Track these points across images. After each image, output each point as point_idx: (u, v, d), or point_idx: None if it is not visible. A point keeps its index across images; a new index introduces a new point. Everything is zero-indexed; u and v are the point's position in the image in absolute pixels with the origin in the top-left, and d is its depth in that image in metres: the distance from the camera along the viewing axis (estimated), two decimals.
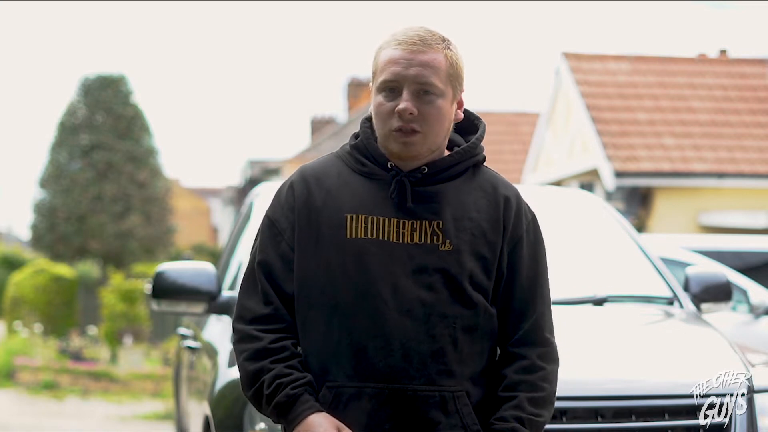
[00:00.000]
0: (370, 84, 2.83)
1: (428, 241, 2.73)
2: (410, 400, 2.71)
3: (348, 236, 2.75)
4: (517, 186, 2.97)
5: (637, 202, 18.78)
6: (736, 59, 21.44)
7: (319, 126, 41.68)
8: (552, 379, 2.81)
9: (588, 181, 20.19)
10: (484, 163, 2.90)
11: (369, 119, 2.86)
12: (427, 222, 2.74)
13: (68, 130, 24.80)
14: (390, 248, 2.73)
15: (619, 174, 18.33)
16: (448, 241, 2.73)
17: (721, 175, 18.62)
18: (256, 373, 2.77)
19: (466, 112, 2.89)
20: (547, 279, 2.87)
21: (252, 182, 35.75)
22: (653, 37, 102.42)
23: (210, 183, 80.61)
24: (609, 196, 18.39)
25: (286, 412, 2.72)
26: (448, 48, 2.77)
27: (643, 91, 20.18)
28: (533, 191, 6.41)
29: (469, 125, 2.90)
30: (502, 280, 2.79)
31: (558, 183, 20.61)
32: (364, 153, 2.82)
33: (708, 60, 21.49)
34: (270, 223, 2.84)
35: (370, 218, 2.75)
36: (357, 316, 2.73)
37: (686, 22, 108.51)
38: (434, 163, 2.78)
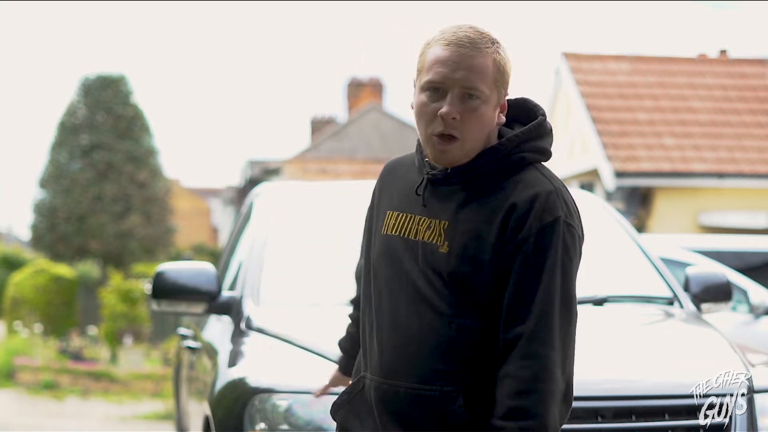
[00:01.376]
0: (414, 79, 2.80)
1: (434, 241, 2.73)
2: (402, 397, 2.73)
3: (383, 232, 2.83)
4: None
5: (637, 202, 18.78)
6: (736, 59, 21.45)
7: (319, 126, 41.67)
8: (546, 402, 2.60)
9: (588, 181, 20.19)
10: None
11: None
12: (437, 221, 2.74)
13: (68, 130, 24.83)
14: (408, 245, 2.77)
15: (619, 174, 18.33)
16: (446, 243, 2.71)
17: (721, 175, 18.62)
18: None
19: (528, 102, 2.85)
20: (552, 292, 2.64)
21: (252, 182, 35.73)
22: (653, 37, 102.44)
23: (210, 183, 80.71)
24: (609, 196, 18.39)
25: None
26: (497, 51, 2.71)
27: (643, 91, 20.18)
28: None
29: (531, 115, 2.84)
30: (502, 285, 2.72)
31: None
32: (419, 148, 2.87)
33: (708, 60, 21.50)
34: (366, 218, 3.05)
35: (400, 215, 2.80)
36: (379, 311, 2.80)
37: (686, 22, 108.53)
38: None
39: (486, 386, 2.72)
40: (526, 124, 2.82)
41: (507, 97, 2.80)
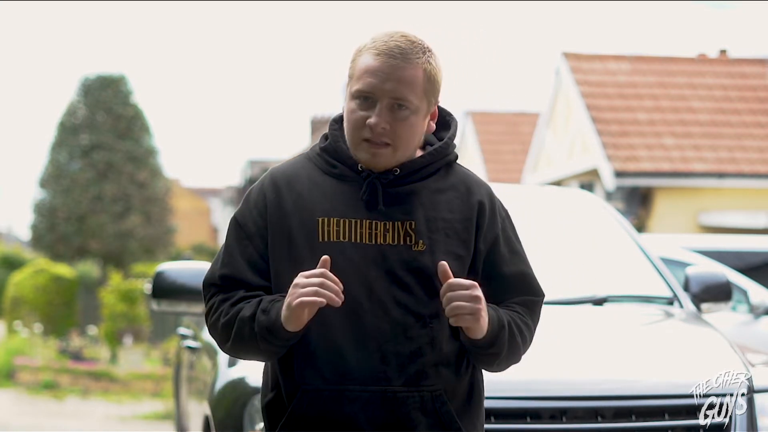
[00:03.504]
0: (346, 84, 2.81)
1: (401, 242, 2.73)
2: (390, 401, 2.70)
3: (320, 240, 2.73)
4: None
5: (637, 202, 18.78)
6: (736, 59, 21.44)
7: (319, 126, 41.66)
8: (528, 336, 2.84)
9: (588, 181, 20.18)
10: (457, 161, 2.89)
11: (337, 121, 2.86)
12: (399, 223, 2.74)
13: (68, 130, 24.83)
14: (363, 250, 2.72)
15: (619, 174, 18.33)
16: (421, 241, 2.73)
17: (721, 175, 18.62)
18: (235, 314, 2.77)
19: (439, 109, 2.87)
20: (528, 264, 2.89)
21: (252, 182, 35.71)
22: (653, 37, 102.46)
23: (210, 183, 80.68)
24: (609, 196, 18.38)
25: (273, 310, 2.68)
26: (428, 61, 2.74)
27: (643, 91, 20.17)
28: (533, 191, 6.40)
29: (442, 122, 2.89)
30: (485, 278, 2.77)
31: (558, 183, 20.61)
32: (334, 155, 2.81)
33: (708, 60, 21.48)
34: (237, 226, 2.83)
35: (342, 221, 2.74)
36: (333, 320, 2.70)
37: (686, 22, 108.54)
38: (406, 164, 2.77)
39: (462, 381, 2.78)
40: (437, 126, 2.88)
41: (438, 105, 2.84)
